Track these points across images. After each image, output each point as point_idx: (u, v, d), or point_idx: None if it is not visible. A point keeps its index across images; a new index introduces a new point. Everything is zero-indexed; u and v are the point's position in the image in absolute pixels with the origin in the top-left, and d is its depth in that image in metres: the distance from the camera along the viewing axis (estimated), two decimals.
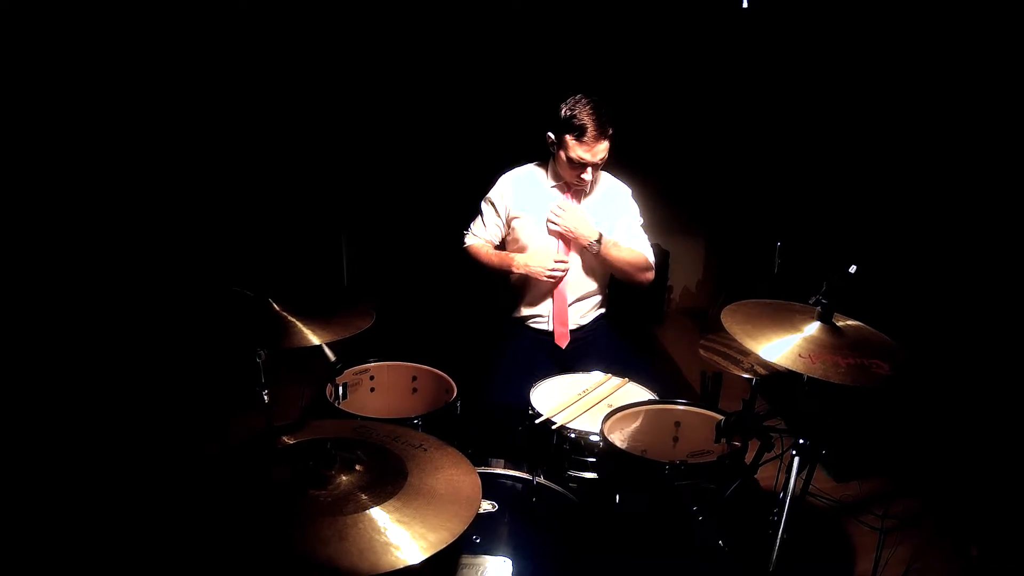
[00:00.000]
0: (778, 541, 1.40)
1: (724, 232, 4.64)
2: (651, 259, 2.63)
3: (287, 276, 4.38)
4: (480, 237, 2.68)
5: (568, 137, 2.36)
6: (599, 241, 2.47)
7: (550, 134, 2.47)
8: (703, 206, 4.58)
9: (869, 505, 2.63)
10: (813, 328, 1.58)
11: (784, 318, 1.62)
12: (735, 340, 1.57)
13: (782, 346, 1.52)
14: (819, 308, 1.59)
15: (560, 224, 2.48)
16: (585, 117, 2.32)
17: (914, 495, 2.68)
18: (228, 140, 4.13)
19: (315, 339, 1.63)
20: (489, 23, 3.94)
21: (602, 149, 2.37)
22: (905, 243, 3.18)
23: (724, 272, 4.75)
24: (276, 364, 1.78)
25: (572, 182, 2.49)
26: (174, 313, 3.54)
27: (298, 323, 1.67)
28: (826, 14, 3.44)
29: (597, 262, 2.57)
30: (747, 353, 2.08)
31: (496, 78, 4.03)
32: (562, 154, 2.42)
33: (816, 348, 1.50)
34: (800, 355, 1.47)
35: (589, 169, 2.40)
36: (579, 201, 2.57)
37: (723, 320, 1.60)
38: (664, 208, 4.48)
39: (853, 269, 1.92)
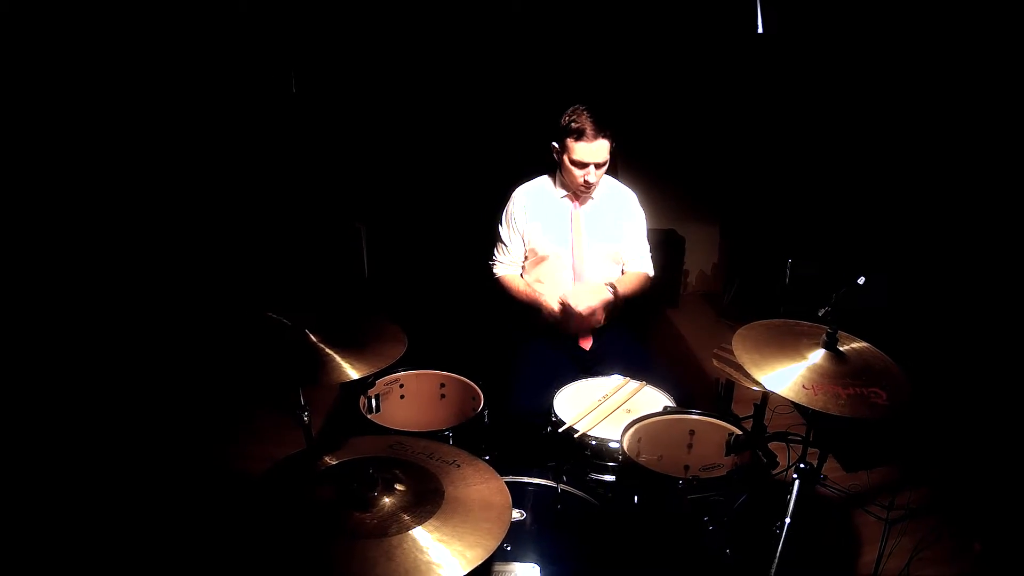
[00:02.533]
0: (777, 556, 1.53)
1: (738, 219, 4.71)
2: (651, 272, 2.82)
3: (307, 269, 4.53)
4: (506, 263, 2.80)
5: (569, 140, 2.50)
6: (615, 293, 2.61)
7: (554, 143, 2.60)
8: (718, 194, 4.65)
9: (876, 495, 2.74)
10: (818, 355, 1.68)
11: (790, 344, 1.72)
12: None
13: (787, 376, 1.63)
14: (824, 336, 1.69)
15: (578, 309, 2.54)
16: (583, 120, 2.47)
17: (921, 488, 2.77)
18: (248, 133, 4.25)
19: (354, 373, 1.74)
20: (517, 30, 4.01)
21: (601, 148, 2.49)
22: (919, 247, 3.25)
23: (738, 257, 4.83)
24: None
25: (577, 186, 2.60)
26: (209, 335, 3.67)
27: (336, 357, 1.77)
28: (842, 36, 3.49)
29: (615, 269, 2.73)
30: None
31: (522, 82, 4.09)
32: (565, 159, 2.55)
33: (819, 377, 1.61)
34: (804, 386, 1.58)
35: (591, 169, 2.52)
36: (582, 204, 2.69)
37: (734, 346, 1.71)
38: (680, 195, 4.60)
39: (862, 280, 2.01)
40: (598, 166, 2.54)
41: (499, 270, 2.83)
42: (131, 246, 3.86)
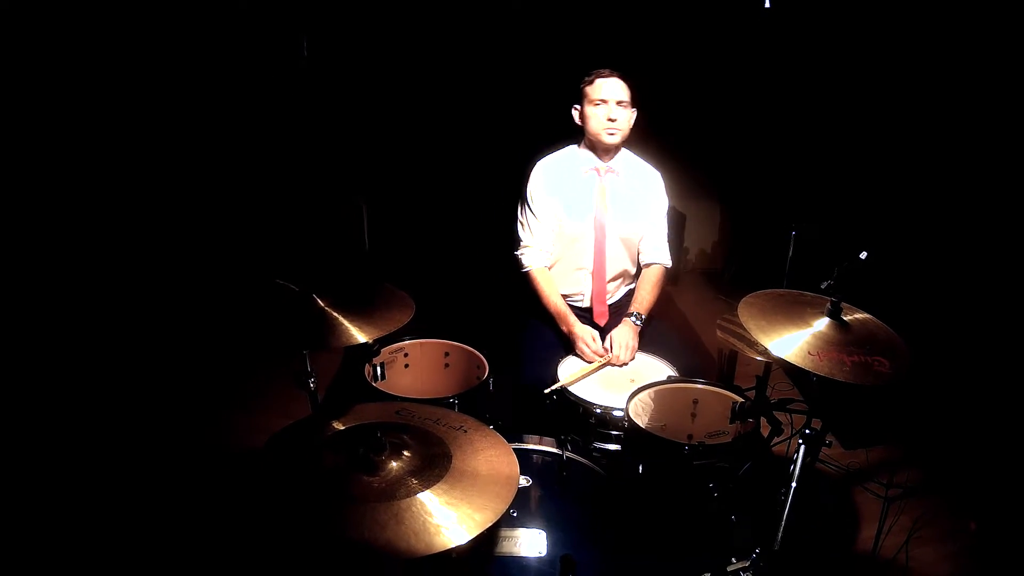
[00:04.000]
0: (783, 523, 1.55)
1: (739, 197, 4.71)
2: (668, 262, 2.75)
3: (309, 243, 4.54)
4: (533, 247, 2.65)
5: (586, 88, 2.52)
6: (640, 317, 2.58)
7: (575, 106, 2.58)
8: (719, 170, 4.65)
9: (874, 474, 2.76)
10: (822, 324, 1.69)
11: (796, 312, 1.73)
12: None
13: (792, 342, 1.64)
14: (828, 305, 1.70)
15: (621, 357, 2.46)
16: (595, 70, 2.52)
17: (919, 467, 2.79)
18: (254, 112, 4.24)
19: (362, 337, 1.73)
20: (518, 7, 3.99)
21: (618, 86, 2.49)
22: (921, 229, 3.25)
23: (738, 235, 4.84)
24: None
25: (603, 130, 2.51)
26: (219, 303, 3.66)
27: (344, 321, 1.77)
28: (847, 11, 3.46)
29: (629, 248, 2.69)
30: None
31: (521, 59, 4.09)
32: (587, 110, 2.53)
33: (824, 344, 1.62)
34: (809, 352, 1.59)
35: (612, 105, 2.48)
36: (608, 173, 2.62)
37: (740, 314, 1.72)
38: (681, 172, 4.56)
39: (864, 255, 2.01)
40: (620, 104, 2.48)
41: (528, 260, 2.65)
42: (138, 220, 3.86)
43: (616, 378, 2.35)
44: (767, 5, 2.91)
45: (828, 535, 2.50)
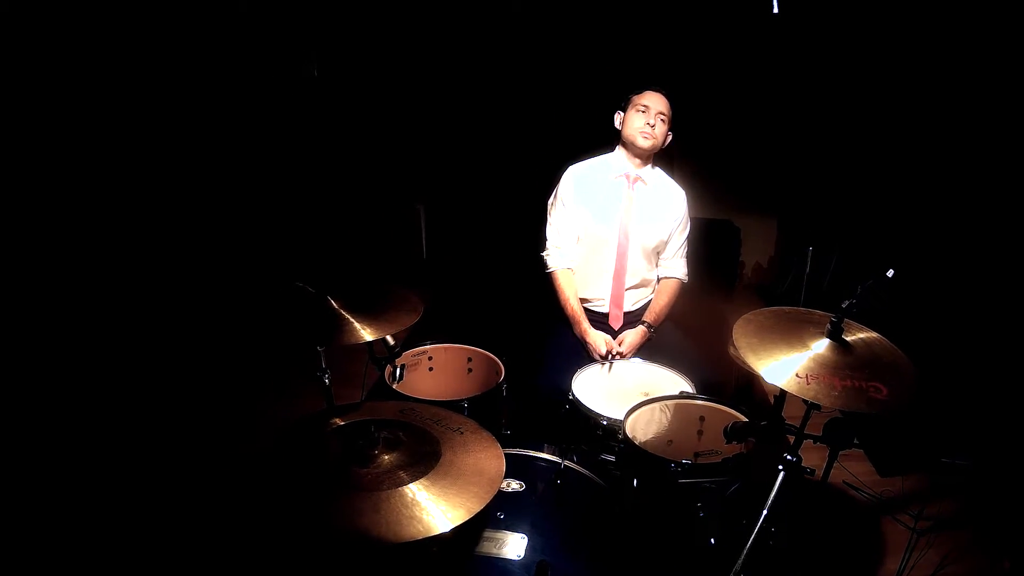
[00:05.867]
0: (745, 549, 1.51)
1: (791, 210, 4.61)
2: (685, 276, 2.83)
3: (366, 249, 4.69)
4: (560, 247, 2.76)
5: (633, 96, 2.67)
6: (651, 327, 2.71)
7: (618, 112, 2.71)
8: (775, 185, 4.55)
9: (907, 503, 2.64)
10: (821, 345, 1.64)
11: (795, 332, 1.68)
12: None
13: (785, 364, 1.59)
14: (828, 325, 1.65)
15: (627, 354, 2.62)
16: (646, 84, 2.68)
17: (953, 499, 2.66)
18: (315, 121, 4.44)
19: (367, 335, 1.83)
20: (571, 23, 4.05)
21: (663, 101, 2.63)
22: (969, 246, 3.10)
23: (791, 249, 4.71)
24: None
25: (638, 136, 2.62)
26: (243, 303, 3.86)
27: (353, 320, 1.87)
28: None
29: (651, 260, 2.75)
30: None
31: (579, 70, 4.15)
32: (629, 114, 2.66)
33: (817, 367, 1.57)
34: (797, 375, 1.55)
35: (653, 114, 2.61)
36: (636, 182, 2.71)
37: (734, 332, 1.69)
38: (736, 186, 4.52)
39: (891, 273, 1.95)
40: (660, 115, 2.61)
41: (552, 262, 2.77)
42: (211, 229, 4.12)
43: (629, 391, 2.35)
44: (775, 11, 2.90)
45: (847, 566, 2.41)
